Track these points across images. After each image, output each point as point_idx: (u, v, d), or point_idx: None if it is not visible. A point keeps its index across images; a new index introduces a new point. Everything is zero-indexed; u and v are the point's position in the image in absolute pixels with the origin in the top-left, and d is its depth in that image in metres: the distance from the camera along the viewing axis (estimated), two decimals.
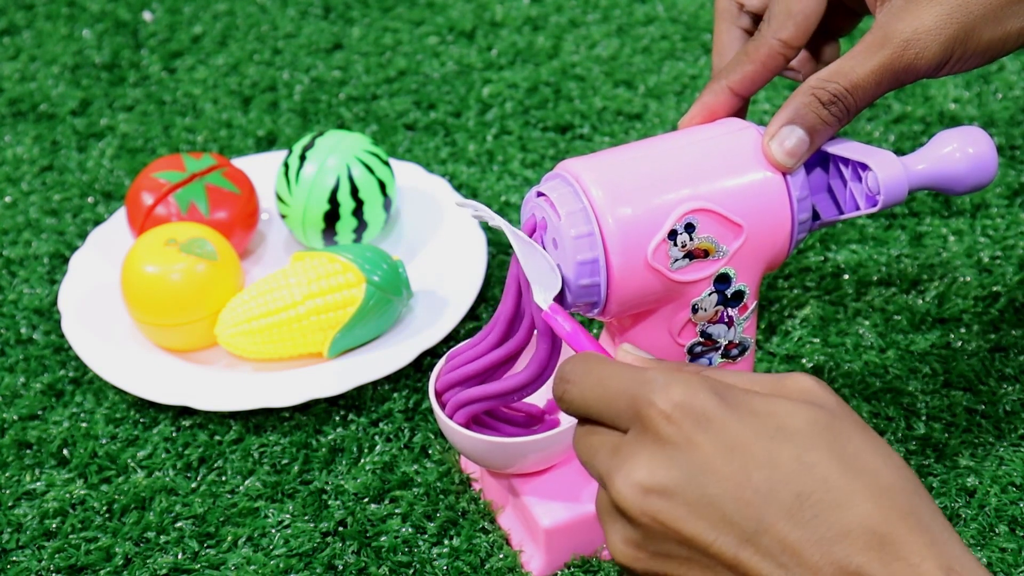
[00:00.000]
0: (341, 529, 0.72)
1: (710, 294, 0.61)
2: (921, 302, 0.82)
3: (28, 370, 0.83)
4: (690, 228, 0.58)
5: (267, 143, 1.02)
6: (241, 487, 0.74)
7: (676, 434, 0.44)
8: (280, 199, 0.87)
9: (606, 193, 0.58)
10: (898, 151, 0.68)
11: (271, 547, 0.71)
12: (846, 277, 0.85)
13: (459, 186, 0.95)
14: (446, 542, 0.70)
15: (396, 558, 0.70)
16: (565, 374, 0.49)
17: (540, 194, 0.60)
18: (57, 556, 0.71)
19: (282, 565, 0.70)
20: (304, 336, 0.80)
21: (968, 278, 0.84)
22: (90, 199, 0.97)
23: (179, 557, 0.71)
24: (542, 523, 0.67)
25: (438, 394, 0.67)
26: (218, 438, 0.78)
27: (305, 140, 0.87)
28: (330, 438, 0.77)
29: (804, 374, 0.47)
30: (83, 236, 0.93)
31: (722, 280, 0.60)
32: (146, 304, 0.80)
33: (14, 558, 0.71)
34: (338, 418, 0.78)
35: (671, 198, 0.58)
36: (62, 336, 0.85)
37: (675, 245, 0.58)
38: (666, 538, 0.44)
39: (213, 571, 0.70)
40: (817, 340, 0.80)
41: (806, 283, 0.85)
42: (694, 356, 0.63)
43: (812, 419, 0.44)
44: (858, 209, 0.61)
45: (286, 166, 0.86)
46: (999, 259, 0.85)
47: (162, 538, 0.72)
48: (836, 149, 0.61)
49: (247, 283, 0.87)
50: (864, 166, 0.60)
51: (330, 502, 0.73)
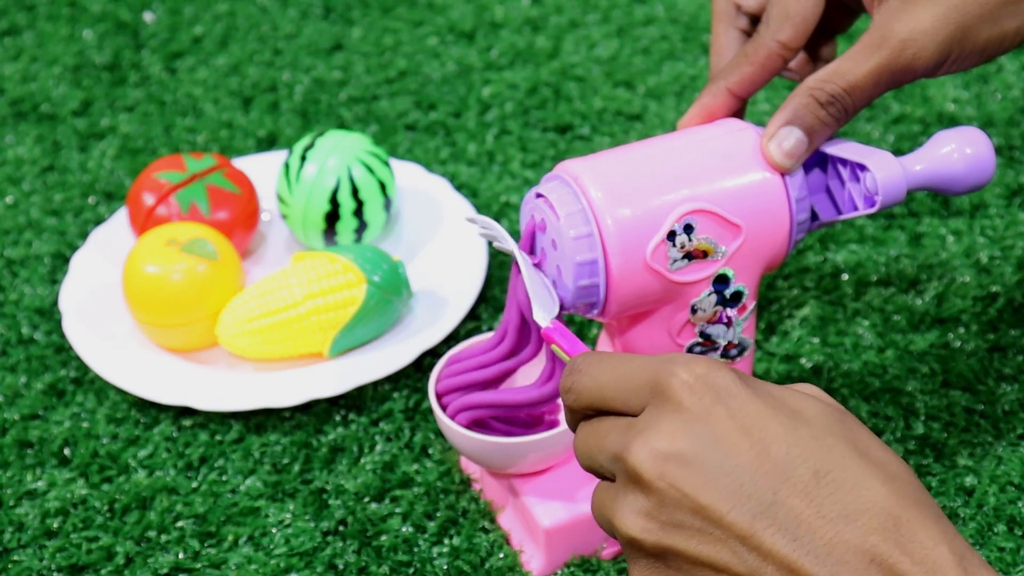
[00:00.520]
0: (342, 528, 0.72)
1: (709, 295, 0.61)
2: (920, 302, 0.83)
3: (29, 370, 0.83)
4: (689, 229, 0.58)
5: (268, 143, 1.02)
6: (242, 486, 0.75)
7: (697, 404, 0.44)
8: (281, 199, 0.87)
9: (605, 194, 0.58)
10: (897, 151, 0.68)
11: (272, 546, 0.71)
12: (845, 277, 0.85)
13: (459, 186, 0.95)
14: (446, 541, 0.71)
15: (396, 557, 0.70)
16: (576, 365, 0.48)
17: (539, 195, 0.60)
18: (58, 555, 0.71)
19: (283, 564, 0.70)
20: (305, 336, 0.80)
21: (967, 278, 0.84)
22: (91, 199, 0.97)
23: (180, 556, 0.71)
24: (542, 523, 0.67)
25: (439, 395, 0.68)
26: (219, 438, 0.78)
27: (306, 140, 0.87)
28: (331, 438, 0.77)
29: (807, 384, 0.47)
30: (84, 236, 0.93)
31: (721, 281, 0.60)
32: (147, 304, 0.81)
33: (16, 557, 0.71)
34: (338, 418, 0.78)
35: (670, 199, 0.58)
36: (63, 336, 0.85)
37: (674, 246, 0.58)
38: (680, 506, 0.43)
39: (214, 570, 0.70)
40: (816, 340, 0.81)
41: (805, 283, 0.85)
42: None
43: (825, 411, 0.45)
44: (856, 210, 0.61)
45: (287, 166, 0.86)
46: (998, 259, 0.85)
47: (163, 537, 0.72)
48: (834, 150, 0.61)
49: (248, 283, 0.87)
50: (862, 167, 0.60)
51: (331, 501, 0.73)
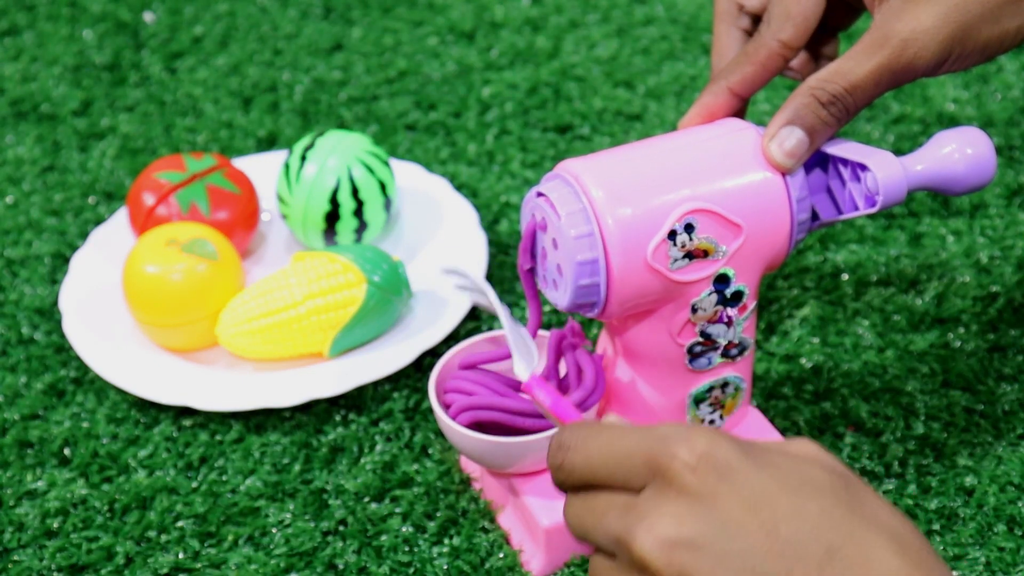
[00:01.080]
0: (342, 528, 0.72)
1: (709, 294, 0.61)
2: (920, 302, 0.83)
3: (29, 370, 0.83)
4: (690, 228, 0.58)
5: (268, 143, 1.02)
6: (242, 486, 0.75)
7: (701, 486, 0.42)
8: (281, 199, 0.87)
9: (606, 193, 0.58)
10: (897, 151, 0.68)
11: (272, 546, 0.71)
12: (845, 277, 0.85)
13: (459, 186, 0.95)
14: (446, 541, 0.70)
15: (396, 557, 0.70)
16: (564, 441, 0.45)
17: (540, 194, 0.60)
18: (58, 555, 0.71)
19: (283, 564, 0.70)
20: (305, 336, 0.80)
21: (967, 278, 0.84)
22: (91, 199, 0.97)
23: (180, 556, 0.71)
24: (542, 523, 0.67)
25: (445, 391, 0.68)
26: (219, 438, 0.78)
27: (306, 140, 0.87)
28: (331, 438, 0.77)
29: (804, 439, 0.45)
30: (84, 236, 0.93)
31: (721, 280, 0.60)
32: (147, 304, 0.81)
33: (16, 557, 0.71)
34: (339, 418, 0.78)
35: (671, 198, 0.58)
36: (63, 336, 0.85)
37: (675, 245, 0.58)
38: None
39: (214, 570, 0.70)
40: (816, 340, 0.81)
41: (805, 283, 0.85)
42: (694, 356, 0.64)
43: (830, 479, 0.43)
44: (857, 209, 0.61)
45: (287, 166, 0.86)
46: (998, 259, 0.85)
47: (163, 537, 0.72)
48: (835, 150, 0.61)
49: (248, 283, 0.87)
50: (863, 166, 0.60)
51: (331, 501, 0.73)
